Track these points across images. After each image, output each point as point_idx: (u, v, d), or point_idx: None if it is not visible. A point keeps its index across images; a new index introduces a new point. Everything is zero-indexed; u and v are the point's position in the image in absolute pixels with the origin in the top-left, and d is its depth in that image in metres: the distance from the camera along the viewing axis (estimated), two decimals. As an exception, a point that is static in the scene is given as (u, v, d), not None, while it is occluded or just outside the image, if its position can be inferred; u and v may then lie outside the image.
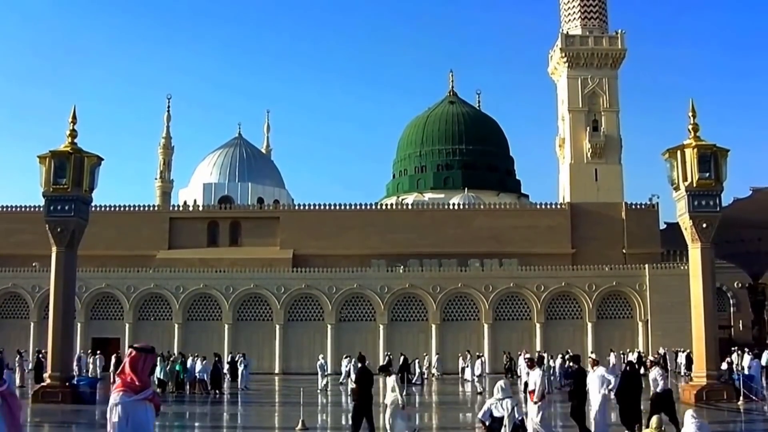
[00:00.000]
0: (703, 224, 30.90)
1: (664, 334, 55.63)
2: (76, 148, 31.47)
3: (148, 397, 6.46)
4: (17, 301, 60.44)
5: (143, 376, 6.55)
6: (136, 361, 6.55)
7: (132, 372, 6.52)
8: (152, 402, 6.51)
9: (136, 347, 6.78)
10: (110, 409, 6.42)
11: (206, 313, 60.28)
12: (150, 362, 6.66)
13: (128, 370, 6.55)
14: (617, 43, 77.00)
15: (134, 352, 6.75)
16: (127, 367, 6.57)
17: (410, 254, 65.29)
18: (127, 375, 6.54)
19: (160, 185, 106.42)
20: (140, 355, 6.58)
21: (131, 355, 6.68)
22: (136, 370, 6.52)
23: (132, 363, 6.56)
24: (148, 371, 6.62)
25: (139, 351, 6.65)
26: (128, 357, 6.64)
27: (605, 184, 73.32)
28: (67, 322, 31.66)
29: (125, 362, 6.60)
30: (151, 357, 6.68)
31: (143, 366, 6.53)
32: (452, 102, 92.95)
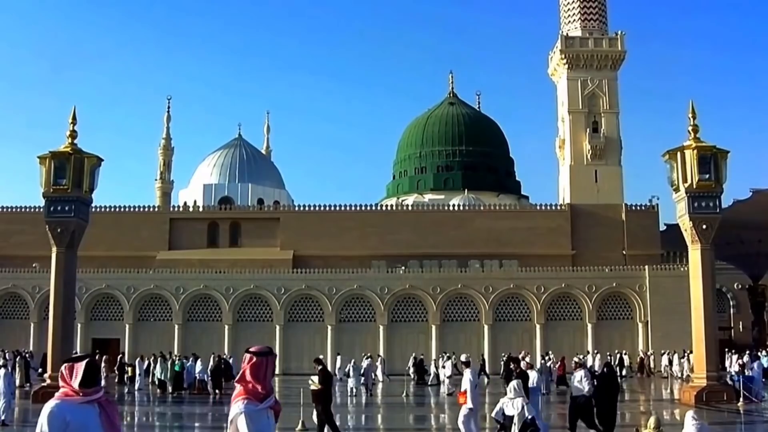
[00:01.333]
0: (703, 226, 30.94)
1: (664, 335, 55.66)
2: (76, 148, 31.51)
3: (270, 405, 6.01)
4: (17, 301, 60.44)
5: (266, 383, 6.02)
6: (258, 366, 6.00)
7: (254, 379, 6.01)
8: (273, 409, 6.07)
9: (254, 351, 6.14)
10: (232, 420, 5.92)
11: (206, 314, 60.29)
12: (272, 366, 6.14)
13: (249, 377, 6.03)
14: (617, 45, 77.01)
15: (254, 357, 6.11)
16: (248, 374, 6.04)
17: (410, 255, 65.31)
18: (249, 382, 6.03)
19: (160, 186, 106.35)
20: (261, 360, 6.07)
21: (252, 362, 6.09)
22: (258, 376, 6.02)
23: (253, 369, 6.03)
24: (271, 376, 6.11)
25: (258, 355, 6.05)
26: (248, 363, 6.10)
27: (605, 185, 73.30)
28: (67, 323, 31.70)
29: (245, 369, 5.98)
30: (272, 359, 6.13)
31: (266, 371, 6.03)
32: (452, 103, 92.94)
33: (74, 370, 5.94)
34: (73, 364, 5.98)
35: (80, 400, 5.87)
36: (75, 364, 5.99)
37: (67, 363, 6.04)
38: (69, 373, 5.96)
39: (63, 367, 6.01)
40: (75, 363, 5.99)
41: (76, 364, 5.99)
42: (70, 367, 5.98)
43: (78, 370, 5.93)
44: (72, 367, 5.97)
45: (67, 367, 5.98)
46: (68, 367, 5.98)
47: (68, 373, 5.96)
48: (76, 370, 5.94)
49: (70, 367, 5.98)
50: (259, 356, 6.07)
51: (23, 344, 54.47)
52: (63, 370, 5.99)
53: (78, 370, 5.93)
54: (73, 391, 5.91)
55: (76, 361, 6.04)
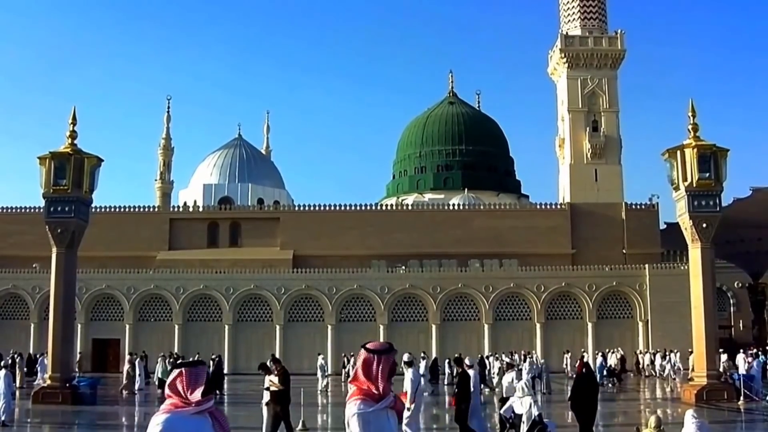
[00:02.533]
0: (703, 224, 30.95)
1: (665, 334, 55.63)
2: (76, 149, 31.52)
3: (389, 405, 5.51)
4: (17, 302, 60.42)
5: (381, 382, 5.54)
6: (369, 364, 5.60)
7: (366, 378, 5.56)
8: (394, 409, 5.57)
9: (369, 348, 5.68)
10: (347, 422, 5.51)
11: (206, 314, 60.27)
12: (388, 364, 5.59)
13: (362, 376, 5.59)
14: (617, 44, 76.96)
15: (365, 353, 5.67)
16: (360, 372, 5.60)
17: (410, 255, 65.29)
18: (363, 382, 5.58)
19: (160, 186, 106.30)
20: (372, 357, 5.60)
21: (363, 358, 5.67)
22: (369, 375, 5.56)
23: (364, 367, 5.60)
24: (386, 375, 5.58)
25: (371, 352, 5.63)
26: (360, 360, 5.68)
27: (605, 184, 73.26)
28: (67, 324, 31.71)
29: (357, 367, 5.67)
30: (387, 358, 5.61)
31: (379, 369, 5.54)
32: (452, 102, 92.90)
33: (191, 378, 5.28)
34: (189, 371, 5.31)
35: (192, 411, 5.27)
36: (190, 370, 5.32)
37: (180, 369, 5.35)
38: (186, 381, 5.28)
39: (174, 374, 5.30)
40: (190, 369, 5.33)
41: (191, 370, 5.32)
42: (189, 374, 5.31)
43: (194, 378, 5.28)
44: (189, 374, 5.31)
45: (183, 374, 5.30)
46: (185, 374, 5.30)
47: (184, 380, 5.28)
48: (193, 378, 5.28)
49: (189, 374, 5.31)
50: (369, 353, 5.64)
51: (23, 345, 54.44)
52: (173, 378, 5.29)
53: (194, 378, 5.28)
54: (183, 402, 5.28)
55: (188, 366, 5.35)
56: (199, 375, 5.30)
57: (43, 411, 27.98)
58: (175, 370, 5.32)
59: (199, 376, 5.29)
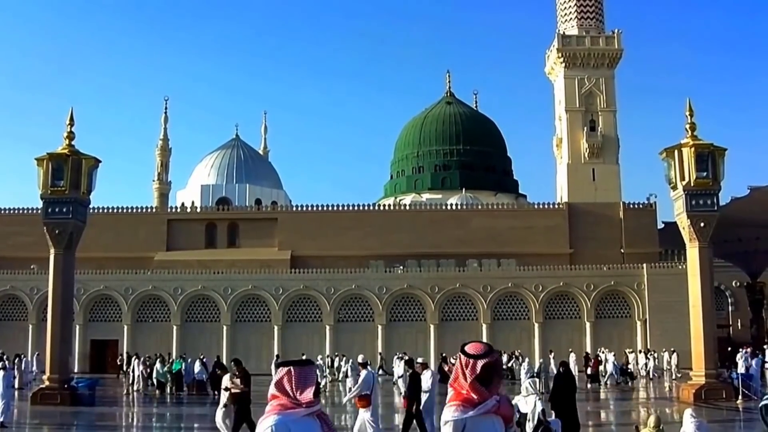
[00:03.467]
0: (701, 223, 30.96)
1: (663, 333, 55.67)
2: (73, 150, 31.48)
3: (490, 409, 5.11)
4: (16, 303, 60.37)
5: (480, 386, 5.11)
6: (465, 367, 5.16)
7: (462, 382, 5.15)
8: (498, 413, 5.15)
9: (466, 351, 5.21)
10: (444, 425, 5.13)
11: (204, 315, 60.26)
12: (486, 367, 5.12)
13: (459, 379, 5.17)
14: (614, 43, 77.03)
15: (462, 356, 5.22)
16: (457, 375, 5.18)
17: (408, 255, 65.30)
18: (460, 386, 5.15)
19: (158, 187, 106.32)
20: (469, 361, 5.14)
21: (460, 360, 5.23)
22: (465, 378, 5.13)
23: (461, 370, 5.16)
24: (491, 378, 5.14)
25: (468, 356, 5.18)
26: (457, 362, 5.25)
27: (603, 183, 73.32)
28: (65, 325, 31.67)
29: (455, 369, 5.23)
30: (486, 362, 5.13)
31: (478, 372, 5.09)
32: (449, 102, 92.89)
33: (300, 377, 4.93)
34: (298, 370, 4.96)
35: (303, 412, 4.91)
36: (299, 369, 4.96)
37: (288, 368, 4.99)
38: (295, 380, 4.93)
39: (281, 373, 4.95)
40: (299, 368, 4.97)
41: (300, 369, 4.96)
42: (298, 373, 4.95)
43: (304, 377, 4.94)
44: (298, 373, 4.95)
45: (291, 373, 4.94)
46: (293, 373, 4.94)
47: (293, 379, 4.93)
48: (302, 377, 4.93)
49: (298, 373, 4.95)
50: (466, 356, 5.19)
51: (22, 346, 54.37)
52: (281, 377, 4.94)
53: (304, 377, 4.94)
54: (292, 402, 4.92)
55: (297, 365, 5.00)
56: (309, 374, 4.97)
57: (41, 412, 27.94)
58: (282, 368, 4.99)
59: (309, 376, 4.97)
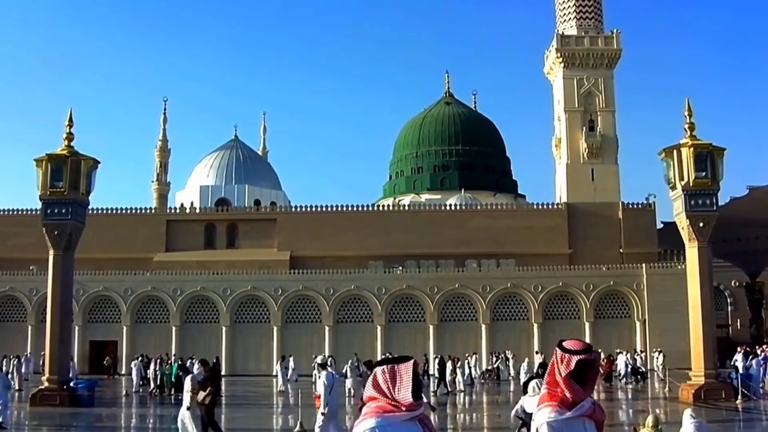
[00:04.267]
0: (700, 223, 30.97)
1: (662, 333, 55.65)
2: (72, 151, 31.48)
3: (585, 412, 4.87)
4: (15, 304, 60.34)
5: (576, 384, 4.85)
6: (560, 363, 4.94)
7: (557, 381, 4.90)
8: (592, 417, 4.91)
9: (564, 347, 4.98)
10: (539, 426, 4.90)
11: (204, 316, 60.21)
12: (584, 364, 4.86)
13: (555, 378, 4.92)
14: (613, 43, 77.04)
15: (559, 352, 4.97)
16: (557, 375, 4.91)
17: (407, 255, 65.29)
18: (556, 384, 4.91)
19: (157, 188, 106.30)
20: (565, 356, 4.92)
21: (556, 357, 5.00)
22: (560, 377, 4.90)
23: (557, 368, 4.93)
24: (587, 377, 4.90)
25: (565, 351, 4.94)
26: (552, 358, 4.99)
27: (602, 184, 73.33)
28: (64, 326, 31.66)
29: (551, 367, 4.98)
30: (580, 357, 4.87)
31: (573, 368, 4.84)
32: (448, 103, 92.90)
33: (397, 375, 4.54)
34: (394, 368, 4.58)
35: (405, 416, 4.52)
36: (396, 367, 4.58)
37: (383, 366, 4.61)
38: (391, 379, 4.54)
39: (378, 372, 4.59)
40: (395, 366, 4.59)
41: (397, 367, 4.58)
42: (391, 372, 4.57)
43: (403, 376, 4.52)
44: (393, 372, 4.57)
45: (384, 372, 4.56)
46: (388, 371, 4.56)
47: (388, 377, 4.55)
48: (399, 377, 4.53)
49: (391, 372, 4.57)
50: (564, 352, 4.95)
51: (21, 347, 54.35)
52: (378, 377, 4.58)
53: (403, 376, 4.52)
54: (391, 404, 4.53)
55: (394, 362, 4.62)
56: (407, 372, 4.57)
57: (40, 413, 27.93)
58: (378, 367, 4.63)
59: (407, 374, 4.56)
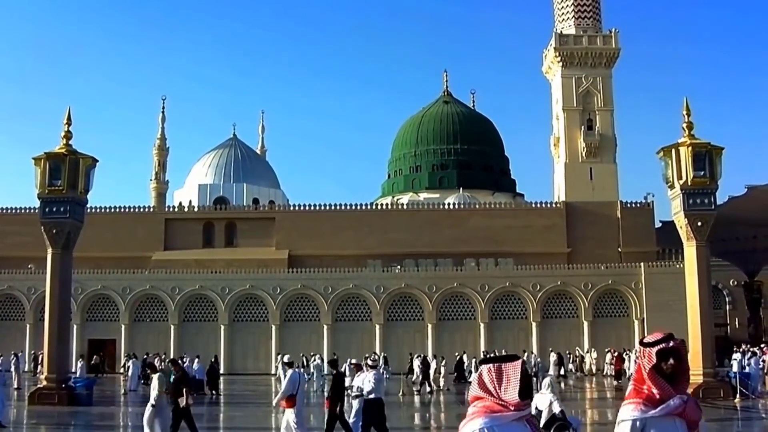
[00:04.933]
0: (698, 222, 30.98)
1: (660, 332, 55.57)
2: (71, 149, 31.45)
3: (673, 410, 4.62)
4: (13, 303, 60.31)
5: (662, 380, 4.64)
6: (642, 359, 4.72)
7: (642, 377, 4.68)
8: (683, 416, 4.67)
9: (644, 342, 4.78)
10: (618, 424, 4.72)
11: (202, 314, 60.20)
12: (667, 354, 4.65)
13: (645, 375, 4.68)
14: (611, 42, 77.11)
15: (641, 348, 4.77)
16: (643, 371, 4.70)
17: (406, 254, 65.31)
18: (642, 381, 4.69)
19: (155, 186, 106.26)
20: (645, 350, 4.71)
21: (640, 354, 4.77)
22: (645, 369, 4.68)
23: (642, 364, 4.73)
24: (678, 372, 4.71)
25: (644, 345, 4.75)
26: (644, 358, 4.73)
27: (600, 182, 73.40)
28: (63, 324, 31.62)
29: (641, 366, 4.74)
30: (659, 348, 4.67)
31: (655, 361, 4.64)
32: (447, 102, 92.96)
33: (504, 374, 4.35)
34: (501, 366, 4.38)
35: (513, 416, 4.34)
36: (503, 366, 4.40)
37: (490, 365, 4.41)
38: (497, 377, 4.36)
39: (484, 372, 4.39)
40: (502, 365, 4.40)
41: (504, 366, 4.39)
42: (497, 371, 4.38)
43: (510, 375, 4.33)
44: (500, 371, 4.38)
45: (490, 371, 4.37)
46: (495, 370, 4.37)
47: (496, 378, 4.35)
48: (506, 376, 4.34)
49: (497, 371, 4.38)
50: (644, 347, 4.77)
51: (19, 346, 54.38)
52: (485, 376, 4.38)
53: (510, 375, 4.33)
54: (498, 404, 4.34)
55: (502, 361, 4.43)
56: (514, 371, 4.37)
57: (39, 412, 27.92)
58: (483, 366, 4.44)
59: (514, 373, 4.37)
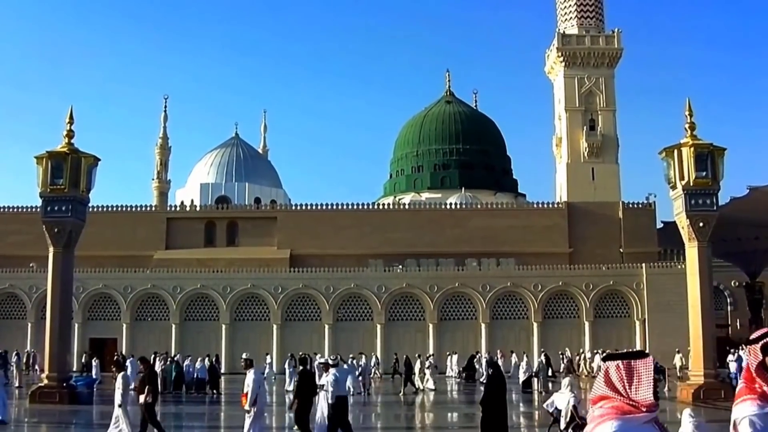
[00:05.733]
0: (700, 223, 30.96)
1: (662, 333, 55.65)
2: (73, 148, 31.45)
3: None
4: (14, 301, 60.35)
5: None
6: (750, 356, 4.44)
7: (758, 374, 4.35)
8: None
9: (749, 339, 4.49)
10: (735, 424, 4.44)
11: (203, 314, 60.23)
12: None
13: (754, 372, 4.39)
14: (613, 42, 77.06)
15: (746, 346, 4.49)
16: (752, 369, 4.40)
17: (407, 254, 65.29)
18: (752, 380, 4.38)
19: (157, 185, 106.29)
20: (750, 347, 4.45)
21: (747, 352, 4.51)
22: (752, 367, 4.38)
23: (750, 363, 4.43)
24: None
25: (749, 342, 4.52)
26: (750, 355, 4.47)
27: (602, 183, 73.37)
28: (64, 323, 31.65)
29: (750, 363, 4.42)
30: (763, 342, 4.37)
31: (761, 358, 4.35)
32: (449, 101, 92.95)
33: (634, 371, 4.09)
34: (629, 363, 4.12)
35: (645, 418, 4.08)
36: (633, 363, 4.13)
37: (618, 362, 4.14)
38: (628, 378, 4.07)
39: (611, 369, 4.09)
40: (633, 362, 4.13)
41: (634, 363, 4.13)
42: (627, 368, 4.11)
43: (642, 373, 4.07)
44: (630, 369, 4.11)
45: (619, 368, 4.10)
46: (624, 367, 4.10)
47: (626, 377, 4.07)
48: (638, 374, 4.07)
49: (627, 368, 4.11)
50: (747, 344, 4.51)
51: (20, 344, 54.44)
52: (610, 373, 4.08)
53: (642, 373, 4.07)
54: (628, 404, 4.07)
55: (628, 357, 4.16)
56: (646, 369, 4.10)
57: (40, 410, 27.94)
58: (609, 362, 4.18)
59: (645, 371, 4.10)
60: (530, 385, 39.68)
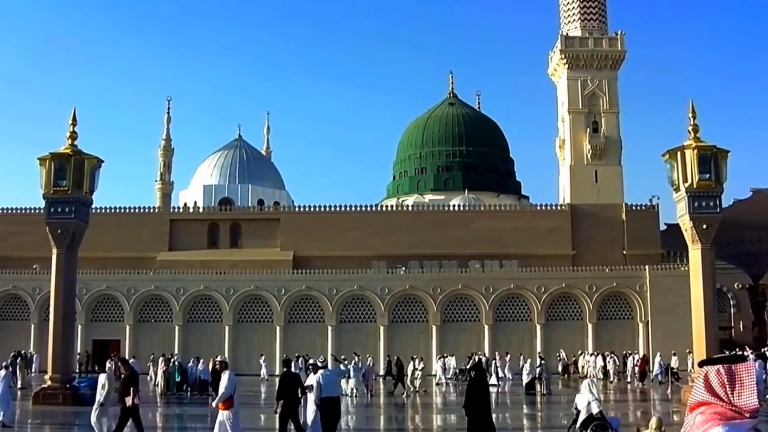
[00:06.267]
0: (704, 225, 30.91)
1: (665, 335, 55.61)
2: (76, 150, 31.46)
3: None
4: (18, 303, 60.45)
5: None
6: None
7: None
8: None
9: None
10: None
11: (207, 315, 60.28)
12: None
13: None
14: (617, 45, 76.96)
15: None
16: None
17: (410, 256, 65.27)
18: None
19: (161, 187, 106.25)
20: None
21: None
22: None
23: None
24: None
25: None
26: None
27: (605, 185, 73.25)
28: (67, 324, 31.67)
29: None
30: None
31: None
32: (452, 103, 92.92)
33: (735, 376, 3.85)
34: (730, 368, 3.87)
35: (750, 423, 3.90)
36: (734, 368, 3.88)
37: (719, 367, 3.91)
38: (730, 383, 3.86)
39: (712, 374, 3.89)
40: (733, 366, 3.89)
41: (735, 367, 3.88)
42: (729, 373, 3.85)
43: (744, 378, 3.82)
44: (731, 374, 3.85)
45: (723, 374, 3.86)
46: (725, 372, 3.87)
47: (728, 382, 3.86)
48: (740, 379, 3.83)
49: (729, 373, 3.85)
50: None
51: (24, 346, 54.48)
52: (713, 379, 3.87)
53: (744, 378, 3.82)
54: (730, 409, 3.86)
55: (728, 361, 3.93)
56: (748, 374, 3.90)
57: (43, 412, 27.97)
58: (709, 367, 4.01)
59: (748, 376, 3.90)
60: (533, 387, 39.75)
